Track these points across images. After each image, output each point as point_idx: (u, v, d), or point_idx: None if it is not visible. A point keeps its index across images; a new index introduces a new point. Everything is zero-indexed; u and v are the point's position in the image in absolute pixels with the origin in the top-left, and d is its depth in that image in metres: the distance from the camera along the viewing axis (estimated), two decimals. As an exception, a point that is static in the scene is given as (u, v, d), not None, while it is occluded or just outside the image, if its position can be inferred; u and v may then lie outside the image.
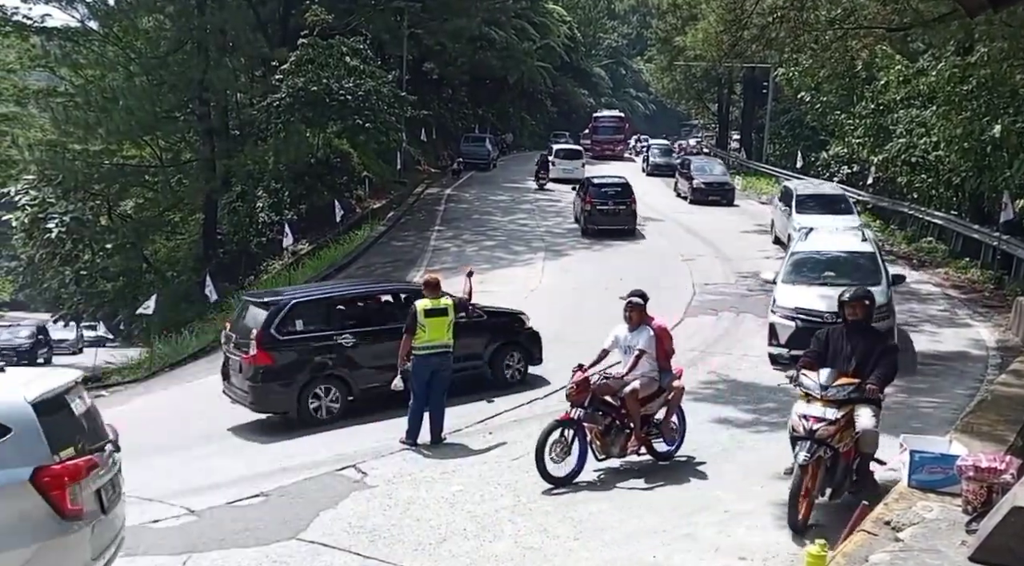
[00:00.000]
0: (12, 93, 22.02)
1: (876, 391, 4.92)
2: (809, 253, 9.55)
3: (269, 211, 21.11)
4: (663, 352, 6.12)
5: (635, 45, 62.24)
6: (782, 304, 8.83)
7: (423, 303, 6.94)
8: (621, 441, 5.90)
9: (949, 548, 3.81)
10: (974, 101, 13.07)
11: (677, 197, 24.30)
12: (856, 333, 5.17)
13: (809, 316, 8.41)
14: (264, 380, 7.63)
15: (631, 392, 5.84)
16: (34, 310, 45.95)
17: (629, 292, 6.39)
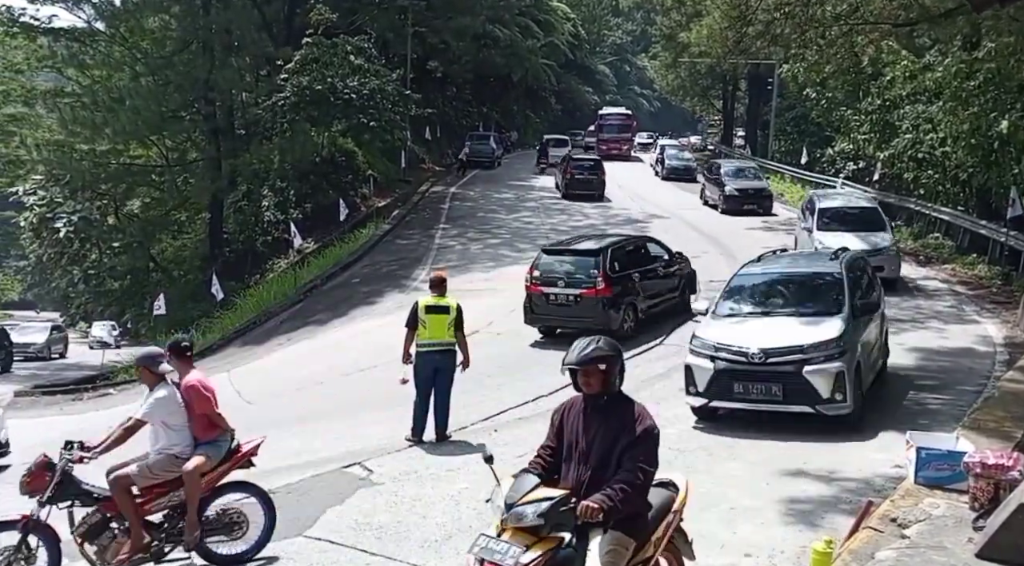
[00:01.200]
0: (20, 94, 22.19)
1: (596, 512, 2.91)
2: (751, 275, 7.77)
3: (275, 210, 21.21)
4: (198, 416, 4.58)
5: (639, 42, 62.10)
6: (702, 338, 6.95)
7: (424, 300, 6.98)
8: (117, 547, 4.34)
9: (956, 545, 3.80)
10: (981, 96, 12.99)
11: (706, 206, 21.45)
12: (596, 413, 3.23)
13: (731, 354, 6.63)
14: (606, 307, 10.02)
15: (113, 479, 4.40)
16: (42, 309, 46.33)
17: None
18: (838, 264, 7.61)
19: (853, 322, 6.87)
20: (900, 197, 18.51)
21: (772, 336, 6.73)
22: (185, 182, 23.85)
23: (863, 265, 8.17)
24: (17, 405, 14.30)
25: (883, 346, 8.04)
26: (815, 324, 6.85)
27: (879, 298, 7.86)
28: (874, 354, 7.49)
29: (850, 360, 6.52)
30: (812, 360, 6.49)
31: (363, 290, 16.02)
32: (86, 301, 29.23)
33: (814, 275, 7.64)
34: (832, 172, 22.55)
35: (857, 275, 7.69)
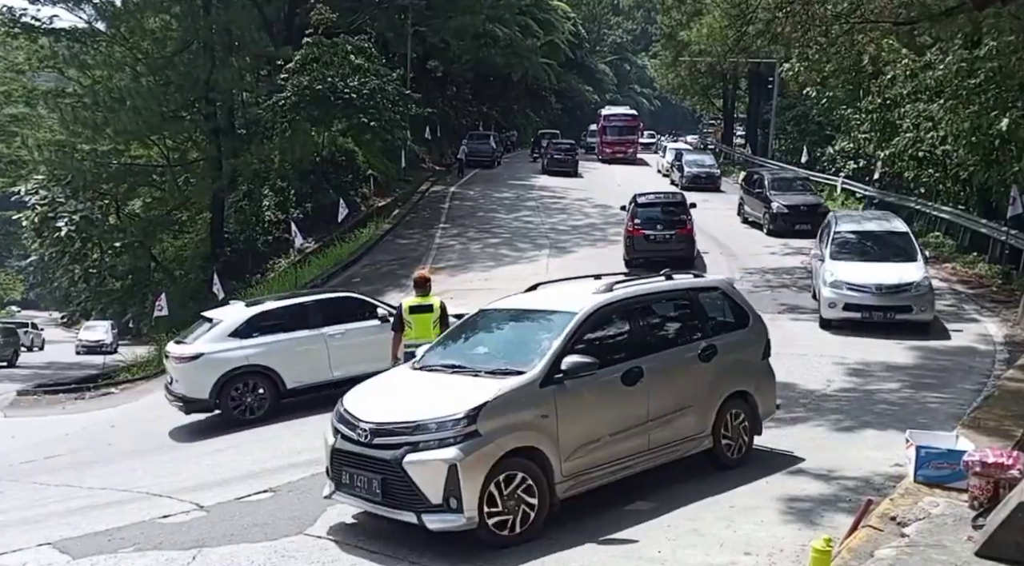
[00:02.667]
0: (21, 94, 22.20)
1: None
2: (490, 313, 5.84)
3: (275, 210, 21.24)
4: None
5: (640, 41, 62.11)
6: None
7: (408, 300, 7.01)
8: None
9: (955, 544, 3.80)
10: (982, 95, 12.97)
11: (745, 224, 18.17)
12: None
13: (344, 428, 4.89)
14: (691, 240, 14.56)
15: None
16: (44, 308, 46.44)
17: None
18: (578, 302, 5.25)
19: (539, 389, 4.66)
20: (901, 196, 18.51)
21: (391, 407, 4.81)
22: (186, 182, 23.87)
23: (643, 302, 5.54)
24: (20, 404, 14.34)
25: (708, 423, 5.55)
26: (467, 390, 4.73)
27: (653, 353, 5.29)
28: (634, 440, 5.10)
29: (480, 448, 4.40)
30: (421, 444, 4.46)
31: (363, 289, 16.03)
32: (87, 300, 29.28)
33: (541, 313, 5.35)
34: (832, 171, 22.53)
35: (608, 317, 5.29)
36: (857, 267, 10.16)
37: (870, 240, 10.88)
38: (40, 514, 6.08)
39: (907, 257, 10.40)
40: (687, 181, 24.37)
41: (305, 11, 24.90)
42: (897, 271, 10.05)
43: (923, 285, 10.00)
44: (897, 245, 10.66)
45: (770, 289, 12.81)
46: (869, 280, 9.92)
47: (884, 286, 9.87)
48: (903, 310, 9.67)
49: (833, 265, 10.33)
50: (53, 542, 5.15)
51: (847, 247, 10.68)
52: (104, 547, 5.00)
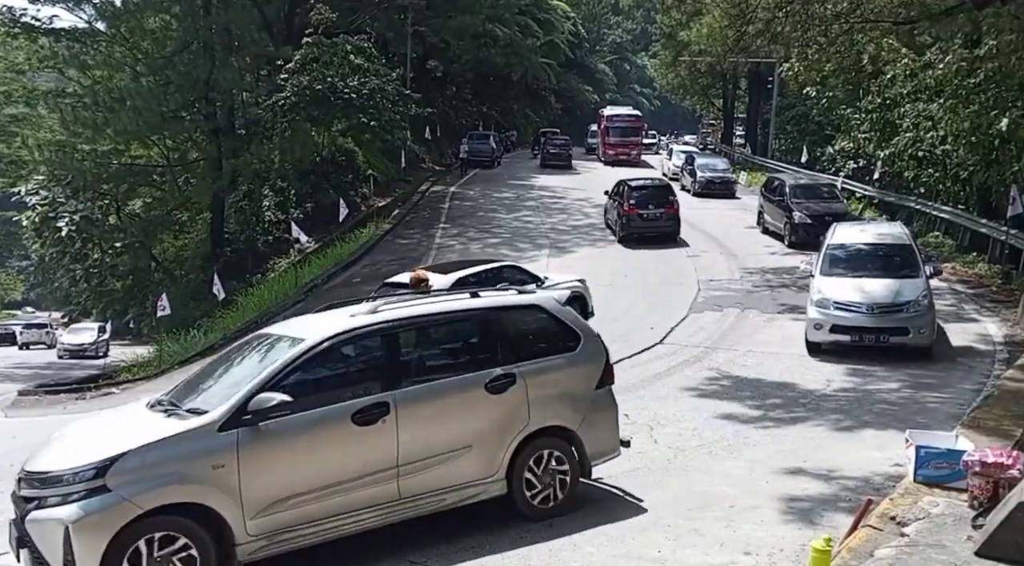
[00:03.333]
0: (22, 94, 22.22)
1: None
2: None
3: (275, 210, 21.25)
4: None
5: (639, 41, 62.11)
6: None
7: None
8: None
9: (955, 543, 3.81)
10: (982, 94, 12.96)
11: (766, 234, 16.80)
12: None
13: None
14: (677, 218, 16.66)
15: None
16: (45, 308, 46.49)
17: None
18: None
19: (216, 434, 4.05)
20: (900, 196, 18.51)
21: (63, 452, 4.22)
22: (186, 182, 23.89)
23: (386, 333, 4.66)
24: (21, 404, 14.35)
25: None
26: (124, 435, 4.19)
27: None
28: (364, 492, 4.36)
29: (105, 507, 3.80)
30: (50, 499, 3.92)
31: (364, 289, 16.03)
32: (87, 300, 29.29)
33: (282, 340, 4.70)
34: (832, 170, 22.53)
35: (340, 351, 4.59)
36: (848, 283, 9.00)
37: (867, 253, 9.57)
38: (41, 514, 6.05)
39: (908, 272, 9.14)
40: (700, 187, 22.59)
41: (305, 11, 24.90)
42: (894, 288, 8.88)
43: (921, 304, 8.69)
44: (898, 259, 9.38)
45: (770, 289, 12.81)
46: (860, 298, 8.73)
47: (877, 305, 8.64)
48: (898, 332, 8.49)
49: (821, 281, 9.13)
50: (54, 542, 5.14)
51: (840, 261, 9.44)
52: (105, 547, 4.98)
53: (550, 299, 5.49)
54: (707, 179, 22.69)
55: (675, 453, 6.37)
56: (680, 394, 8.12)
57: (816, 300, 9.05)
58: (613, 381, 5.42)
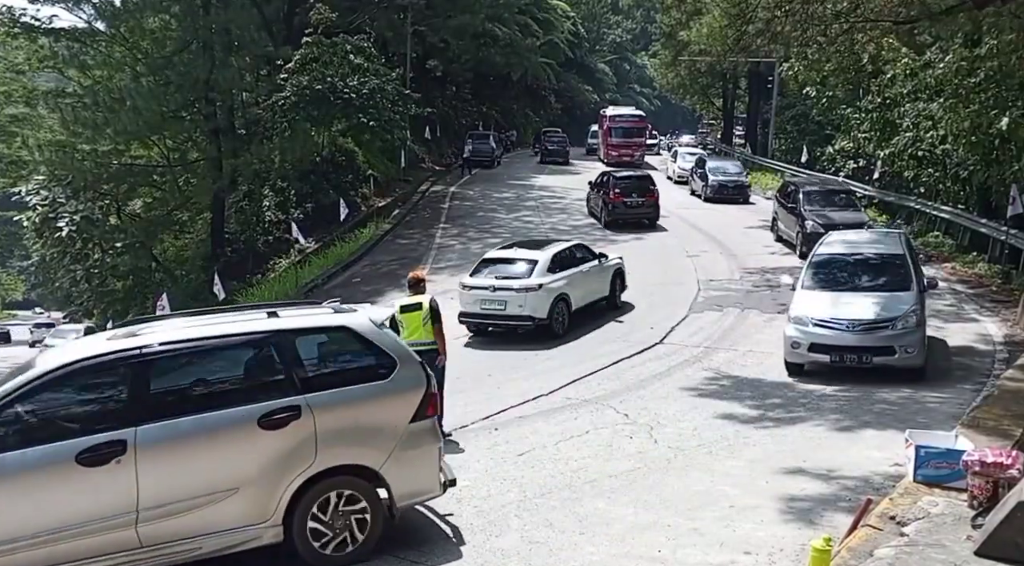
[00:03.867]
0: (22, 94, 22.24)
1: None
2: None
3: (276, 210, 21.25)
4: None
5: (639, 40, 62.10)
6: None
7: (399, 301, 7.03)
8: None
9: (955, 543, 3.81)
10: (982, 94, 12.96)
11: (779, 242, 16.05)
12: None
13: None
14: (657, 205, 18.78)
15: None
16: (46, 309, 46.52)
17: None
18: None
19: None
20: (900, 195, 18.50)
21: None
22: (186, 182, 23.89)
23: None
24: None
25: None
26: None
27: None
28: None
29: None
30: None
31: (364, 289, 16.06)
32: (88, 300, 29.29)
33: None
34: (832, 170, 22.53)
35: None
36: (830, 298, 8.21)
37: (854, 264, 8.75)
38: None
39: (897, 286, 8.30)
40: (712, 192, 21.33)
41: (305, 11, 24.90)
42: (880, 303, 8.06)
43: (910, 321, 7.83)
44: (888, 271, 8.55)
45: (770, 289, 12.82)
46: (841, 314, 7.90)
47: (859, 322, 7.82)
48: (883, 352, 7.73)
49: (802, 296, 8.35)
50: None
51: (824, 273, 8.63)
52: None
53: (364, 320, 4.78)
54: (719, 183, 21.45)
55: (675, 453, 6.38)
56: (680, 394, 8.12)
57: (794, 316, 8.10)
58: (435, 413, 4.80)
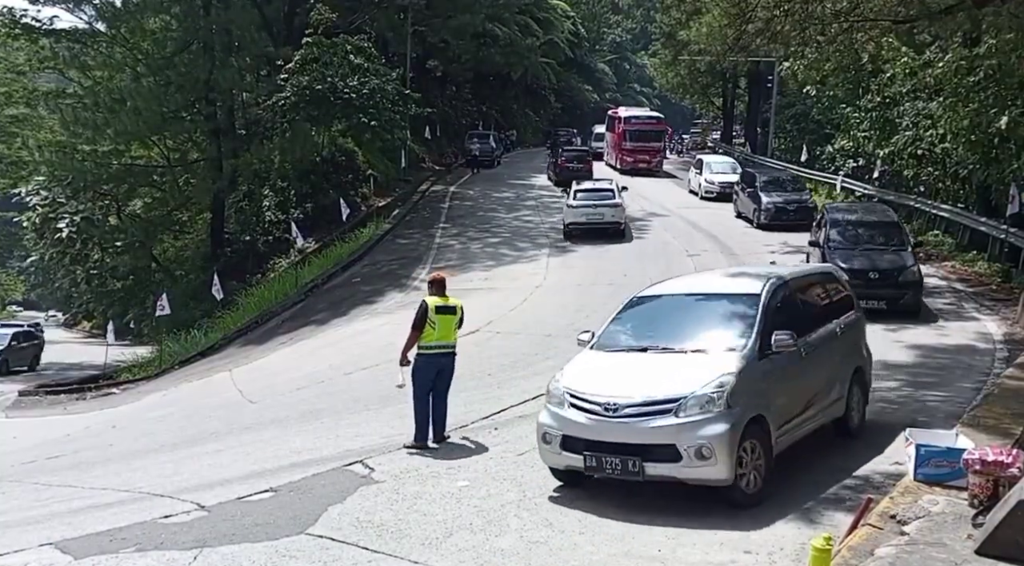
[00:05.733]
0: (22, 95, 22.26)
1: None
2: None
3: (275, 210, 21.27)
4: None
5: (639, 40, 62.07)
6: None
7: (433, 301, 6.80)
8: None
9: (955, 542, 3.81)
10: (981, 93, 12.98)
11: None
12: None
13: None
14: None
15: None
16: (46, 309, 46.55)
17: None
18: None
19: None
20: (900, 194, 18.51)
21: None
22: (186, 182, 23.90)
23: None
24: (22, 405, 14.38)
25: None
26: None
27: None
28: None
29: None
30: None
31: (364, 289, 16.07)
32: (88, 301, 29.32)
33: None
34: (832, 169, 22.54)
35: None
36: (611, 363, 5.50)
37: (671, 310, 5.99)
38: (42, 514, 6.09)
39: (717, 345, 5.35)
40: (768, 216, 17.08)
41: (305, 11, 24.93)
42: (668, 371, 5.19)
43: (715, 403, 4.84)
44: (714, 319, 5.71)
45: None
46: (605, 387, 5.15)
47: (618, 404, 4.99)
48: (654, 453, 4.91)
49: (578, 359, 5.75)
50: (55, 542, 5.16)
51: (627, 326, 5.95)
52: (106, 547, 5.01)
53: None
54: (777, 205, 17.00)
55: (675, 452, 6.35)
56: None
57: (552, 389, 5.40)
58: None
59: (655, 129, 28.97)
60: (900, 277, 10.83)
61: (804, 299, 6.19)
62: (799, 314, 5.86)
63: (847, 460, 5.92)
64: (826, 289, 6.57)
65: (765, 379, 5.23)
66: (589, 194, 18.61)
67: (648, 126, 28.76)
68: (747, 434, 4.93)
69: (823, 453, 6.12)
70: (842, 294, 6.70)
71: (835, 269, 7.47)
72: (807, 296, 6.28)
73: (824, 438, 6.59)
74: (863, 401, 6.49)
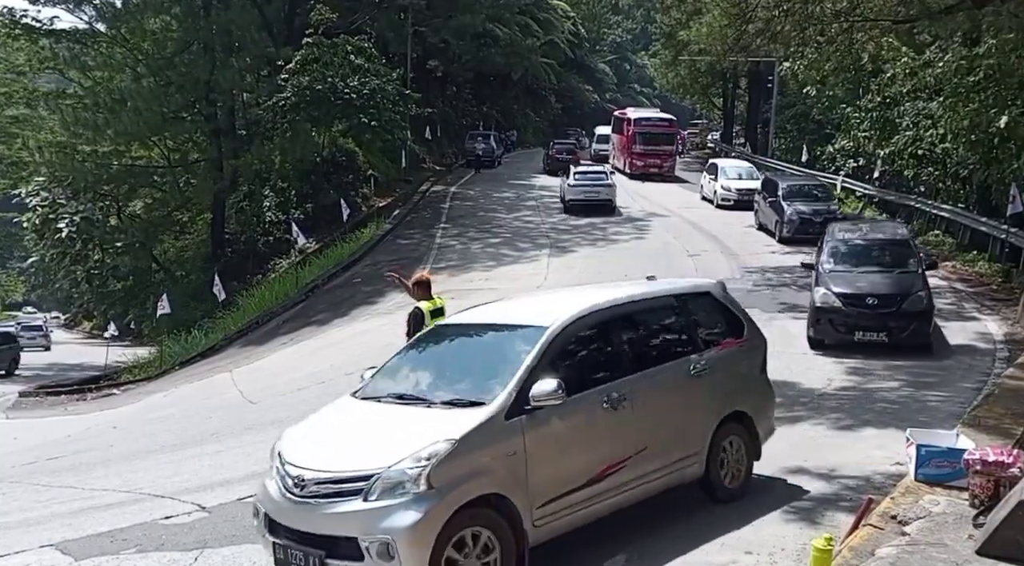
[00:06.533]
0: (22, 95, 22.27)
1: None
2: None
3: (276, 210, 21.29)
4: None
5: (639, 40, 62.12)
6: None
7: (427, 306, 6.73)
8: None
9: (956, 542, 3.81)
10: (981, 93, 12.97)
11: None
12: None
13: None
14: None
15: None
16: (46, 309, 46.59)
17: None
18: None
19: None
20: (900, 194, 18.51)
21: None
22: (187, 183, 23.92)
23: None
24: (22, 406, 14.38)
25: None
26: None
27: None
28: None
29: None
30: None
31: (364, 290, 16.07)
32: (88, 301, 29.34)
33: None
34: (832, 169, 22.55)
35: None
36: (331, 427, 4.52)
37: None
38: (42, 515, 6.09)
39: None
40: (792, 229, 15.51)
41: (305, 11, 24.95)
42: (383, 435, 4.20)
43: (386, 475, 3.75)
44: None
45: (770, 288, 12.82)
46: (317, 454, 4.20)
47: (301, 480, 4.01)
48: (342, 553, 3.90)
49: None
50: (55, 543, 5.17)
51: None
52: (106, 548, 5.01)
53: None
54: (802, 216, 15.48)
55: (676, 452, 6.35)
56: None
57: (272, 447, 4.62)
58: None
59: (667, 131, 27.42)
60: (904, 304, 8.94)
61: (631, 331, 4.82)
62: (615, 351, 4.59)
63: (848, 460, 5.89)
64: (685, 314, 5.15)
65: (515, 444, 3.93)
66: (585, 176, 21.79)
67: (660, 128, 27.16)
68: (466, 522, 3.69)
69: (824, 452, 6.10)
70: (719, 320, 5.34)
71: (717, 288, 5.53)
72: (639, 326, 4.93)
73: (825, 437, 6.57)
74: (749, 456, 5.18)
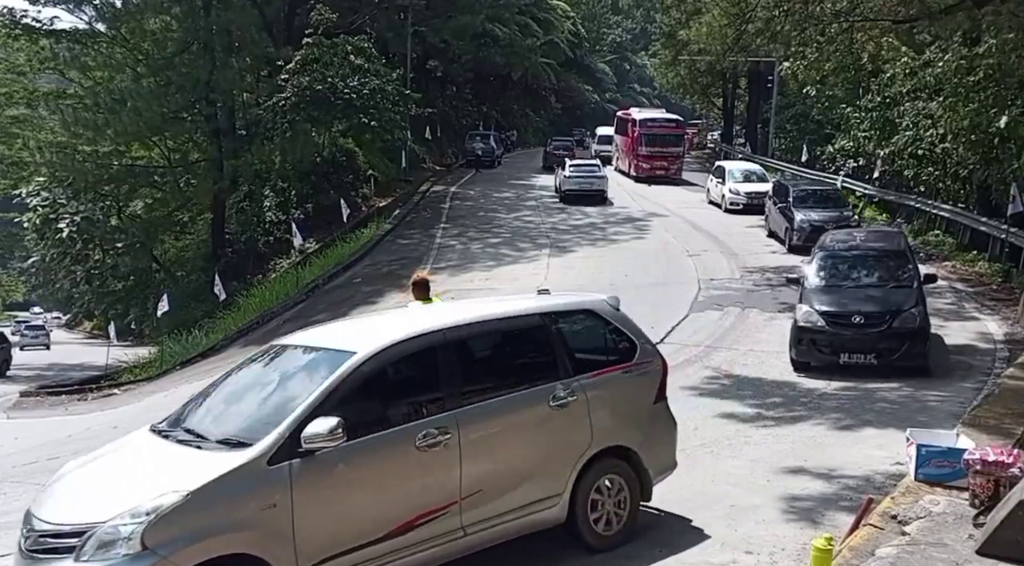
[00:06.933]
0: (23, 95, 22.25)
1: None
2: None
3: (276, 210, 21.29)
4: None
5: (639, 40, 62.12)
6: None
7: (419, 306, 6.60)
8: None
9: (956, 542, 3.82)
10: (981, 92, 12.98)
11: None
12: None
13: None
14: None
15: None
16: (47, 310, 46.59)
17: None
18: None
19: None
20: (900, 194, 18.50)
21: None
22: (187, 183, 23.91)
23: None
24: (23, 405, 14.38)
25: None
26: None
27: None
28: None
29: None
30: None
31: (364, 290, 16.07)
32: (89, 301, 29.35)
33: None
34: (832, 169, 22.56)
35: None
36: (101, 468, 4.22)
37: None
38: (45, 515, 6.08)
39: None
40: (802, 237, 14.50)
41: (305, 11, 24.91)
42: (127, 480, 3.95)
43: (99, 531, 3.43)
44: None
45: (770, 288, 12.83)
46: (64, 500, 4.01)
47: (32, 531, 3.81)
48: None
49: None
50: (58, 543, 5.16)
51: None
52: (109, 548, 5.00)
53: None
54: (813, 224, 14.43)
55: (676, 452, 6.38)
56: (681, 393, 8.11)
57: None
58: None
59: (674, 133, 26.46)
60: (894, 322, 8.02)
61: (469, 357, 4.30)
62: (444, 381, 4.06)
63: (848, 460, 5.89)
64: (552, 336, 4.52)
65: (276, 494, 3.47)
66: (580, 168, 23.39)
67: (667, 130, 26.20)
68: None
69: (824, 452, 6.10)
70: (602, 342, 4.78)
71: (602, 305, 4.87)
72: (482, 351, 4.43)
73: (826, 437, 6.58)
74: (633, 497, 4.51)
